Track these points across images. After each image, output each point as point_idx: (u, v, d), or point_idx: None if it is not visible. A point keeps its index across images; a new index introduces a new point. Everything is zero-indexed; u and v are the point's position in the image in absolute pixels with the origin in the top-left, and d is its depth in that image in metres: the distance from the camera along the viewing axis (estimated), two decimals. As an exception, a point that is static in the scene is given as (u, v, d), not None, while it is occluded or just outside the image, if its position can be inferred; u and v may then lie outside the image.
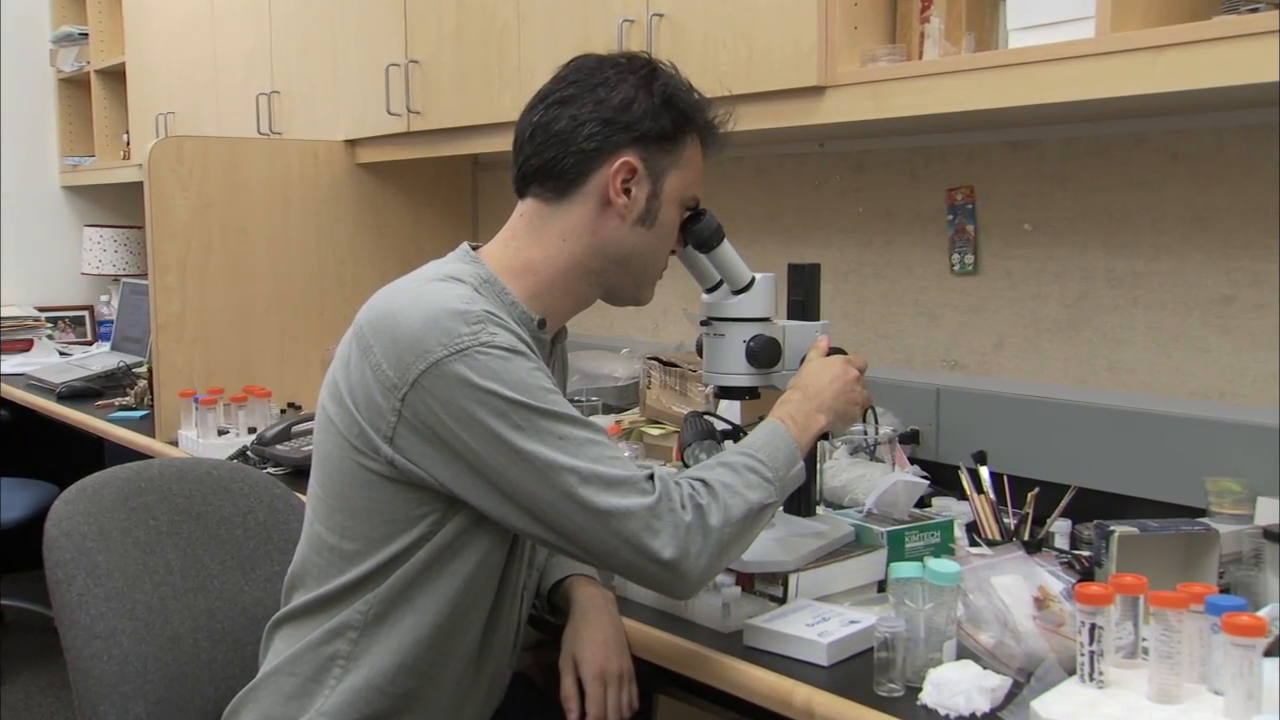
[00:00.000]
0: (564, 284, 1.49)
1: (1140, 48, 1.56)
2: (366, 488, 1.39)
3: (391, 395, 1.34)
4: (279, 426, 2.61)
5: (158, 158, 2.96)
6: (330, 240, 3.29)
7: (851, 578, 1.65)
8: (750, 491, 1.39)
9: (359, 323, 1.42)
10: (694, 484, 1.38)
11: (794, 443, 1.47)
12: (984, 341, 2.27)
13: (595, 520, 1.32)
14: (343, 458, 1.41)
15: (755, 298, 1.64)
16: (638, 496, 1.32)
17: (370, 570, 1.41)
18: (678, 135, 1.48)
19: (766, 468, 1.42)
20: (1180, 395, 1.98)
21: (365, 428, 1.37)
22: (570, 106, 1.45)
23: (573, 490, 1.31)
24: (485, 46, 2.74)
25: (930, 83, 1.83)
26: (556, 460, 1.31)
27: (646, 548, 1.32)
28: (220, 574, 1.75)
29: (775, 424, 1.49)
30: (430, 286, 1.40)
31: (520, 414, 1.31)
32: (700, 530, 1.34)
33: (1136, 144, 2.02)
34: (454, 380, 1.31)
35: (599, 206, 1.46)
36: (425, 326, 1.33)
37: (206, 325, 3.05)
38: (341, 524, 1.43)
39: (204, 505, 1.78)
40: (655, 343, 2.93)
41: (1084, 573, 1.64)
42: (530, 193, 1.50)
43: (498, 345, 1.32)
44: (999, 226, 2.23)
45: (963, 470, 1.87)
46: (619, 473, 1.33)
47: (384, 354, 1.35)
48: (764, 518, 1.43)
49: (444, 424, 1.32)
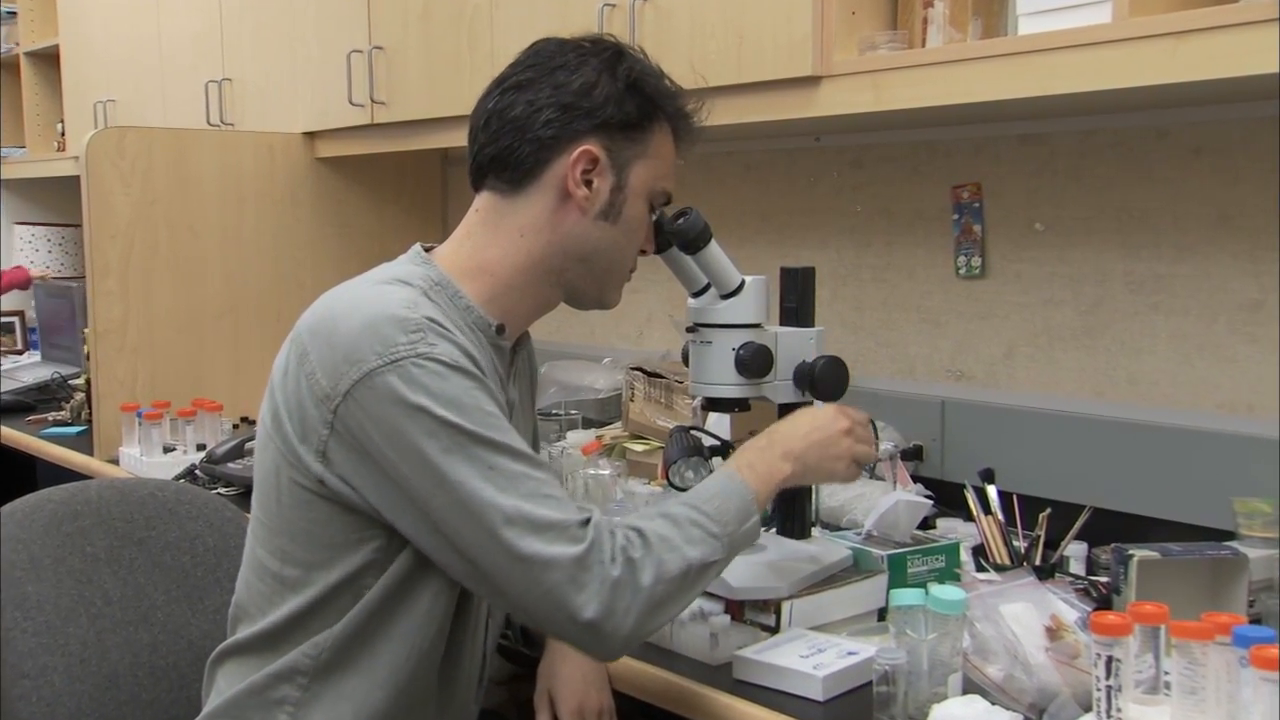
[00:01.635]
0: (523, 285, 1.48)
1: (1161, 33, 1.56)
2: (304, 508, 1.38)
3: (324, 407, 1.33)
4: (231, 443, 2.59)
5: (96, 150, 2.94)
6: (288, 241, 3.28)
7: (849, 605, 1.65)
8: (690, 547, 1.35)
9: (298, 328, 1.41)
10: (629, 534, 1.34)
11: (749, 494, 1.42)
12: (992, 350, 2.27)
13: (516, 566, 1.28)
14: (279, 475, 1.40)
15: (745, 302, 1.63)
16: (565, 544, 1.29)
17: (313, 601, 1.39)
18: (644, 123, 1.47)
19: (713, 521, 1.38)
20: (1205, 408, 1.98)
21: (297, 441, 1.36)
22: (527, 91, 1.44)
23: (495, 529, 1.28)
24: (455, 32, 2.73)
25: (934, 72, 1.83)
26: (481, 494, 1.28)
27: (567, 603, 1.28)
28: (164, 605, 1.74)
29: (730, 473, 1.44)
30: (373, 290, 1.39)
31: (450, 436, 1.29)
32: (629, 587, 1.30)
33: (1157, 137, 2.02)
34: (385, 394, 1.29)
35: (558, 199, 1.45)
36: (362, 333, 1.32)
37: (151, 333, 3.03)
38: (281, 548, 1.42)
39: (147, 530, 1.77)
40: (639, 351, 2.92)
41: (1100, 600, 1.64)
42: (486, 185, 1.49)
43: (435, 358, 1.31)
44: (1008, 226, 2.23)
45: (969, 489, 1.87)
46: (549, 515, 1.30)
47: (319, 362, 1.34)
48: (706, 577, 1.38)
49: (374, 441, 1.31)
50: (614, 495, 2.19)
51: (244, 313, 3.20)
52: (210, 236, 3.13)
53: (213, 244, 3.14)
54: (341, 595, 1.39)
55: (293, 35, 3.30)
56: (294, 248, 3.29)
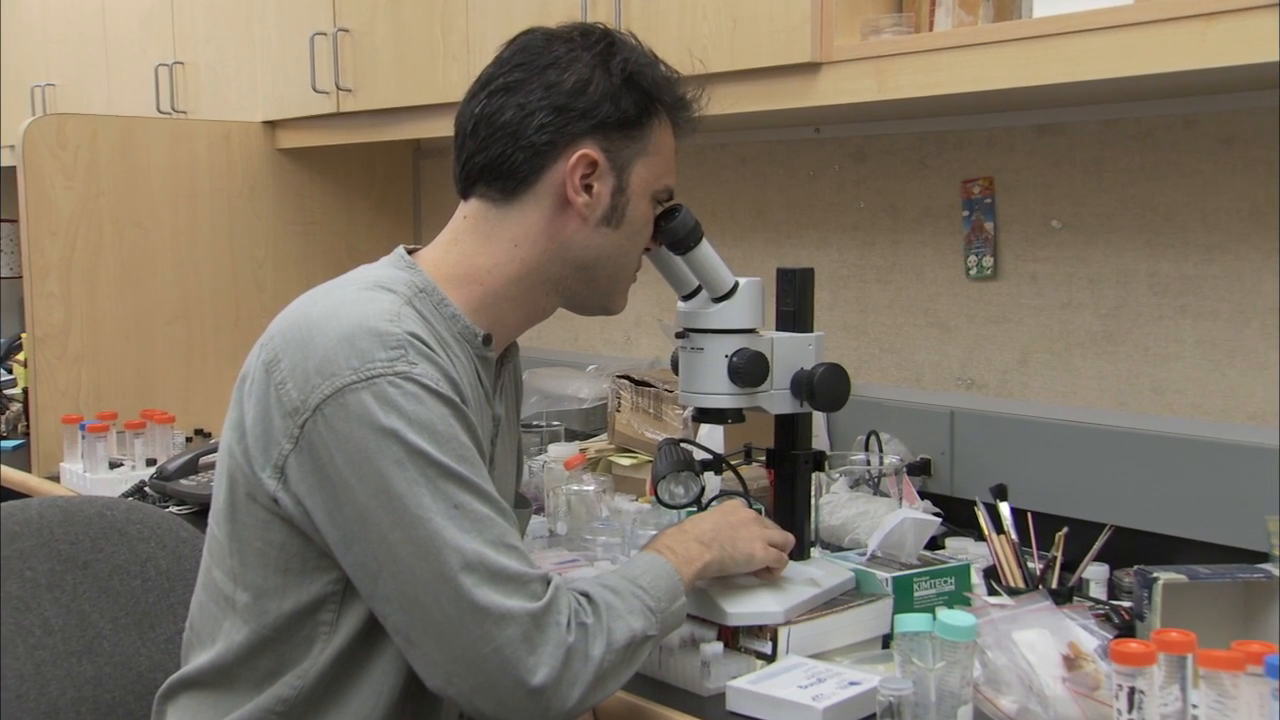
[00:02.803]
0: (515, 294, 1.49)
1: (1189, 15, 1.56)
2: (260, 527, 1.38)
3: (290, 420, 1.33)
4: (184, 458, 2.59)
5: (34, 139, 2.93)
6: (246, 238, 3.27)
7: (851, 632, 1.65)
8: (633, 618, 1.38)
9: (270, 332, 1.41)
10: (579, 599, 1.35)
11: (676, 574, 1.46)
12: (1005, 357, 2.28)
13: (468, 616, 1.27)
14: (236, 489, 1.40)
15: (739, 306, 1.64)
16: (524, 599, 1.29)
17: (265, 633, 1.39)
18: (643, 119, 1.48)
19: (649, 595, 1.41)
20: (1236, 419, 1.99)
21: (257, 452, 1.36)
22: (517, 93, 1.45)
23: (451, 573, 1.28)
24: (428, 14, 2.73)
25: (942, 58, 1.84)
26: (443, 533, 1.28)
27: (517, 664, 1.27)
28: (111, 634, 1.73)
29: (653, 555, 1.49)
30: (354, 296, 1.39)
31: (419, 466, 1.29)
32: (581, 655, 1.31)
33: (1185, 127, 2.03)
34: (355, 412, 1.29)
35: (556, 207, 1.46)
36: (338, 345, 1.32)
37: (96, 338, 3.02)
38: (233, 569, 1.42)
39: (93, 553, 1.76)
40: (626, 358, 2.92)
41: (1122, 627, 1.64)
42: (475, 193, 1.49)
43: (414, 378, 1.31)
44: (1022, 224, 2.24)
45: (980, 506, 1.87)
46: (510, 565, 1.30)
47: (290, 371, 1.34)
48: (643, 652, 1.40)
49: (335, 462, 1.30)
50: (599, 513, 2.19)
51: (198, 317, 3.19)
52: (160, 234, 3.12)
53: (163, 242, 3.13)
54: (294, 631, 1.39)
55: (250, 15, 3.30)
56: (252, 247, 3.28)
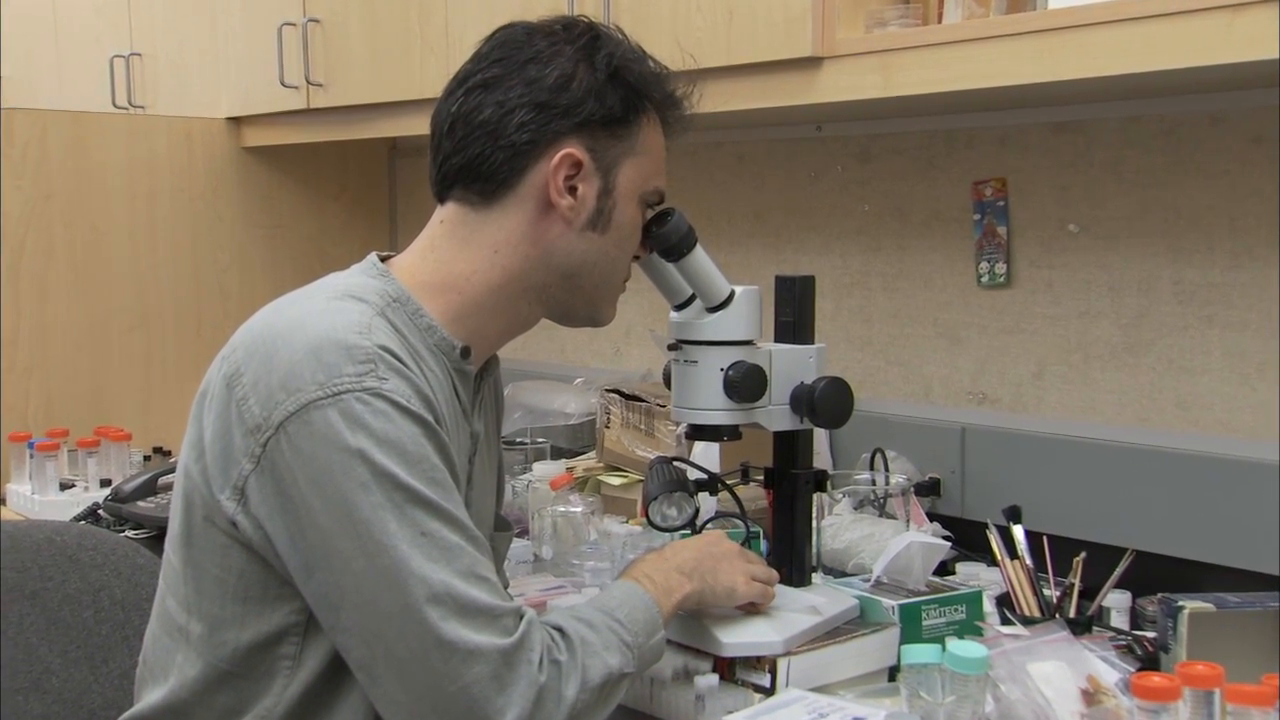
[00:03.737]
0: (496, 303, 1.49)
1: (1213, 6, 1.57)
2: (217, 552, 1.37)
3: (252, 438, 1.32)
4: (141, 478, 2.58)
5: (-20, 136, 2.94)
6: (209, 242, 3.27)
7: (855, 663, 1.65)
8: (609, 654, 1.37)
9: (232, 344, 1.41)
10: (552, 634, 1.35)
11: (654, 606, 1.46)
12: (1019, 370, 2.28)
13: (433, 652, 1.27)
14: (193, 511, 1.39)
15: (735, 316, 1.63)
16: (494, 635, 1.29)
17: (221, 667, 1.38)
18: (630, 116, 1.47)
19: (625, 630, 1.41)
20: (1266, 437, 1.99)
21: (215, 472, 1.35)
22: (496, 90, 1.45)
23: (417, 605, 1.27)
24: (404, 4, 2.73)
25: (951, 52, 1.84)
26: (408, 562, 1.28)
27: (486, 704, 1.27)
28: (61, 669, 1.72)
29: (630, 583, 1.48)
30: (322, 307, 1.39)
31: (385, 489, 1.28)
32: (554, 696, 1.31)
33: (1211, 124, 2.03)
34: (321, 431, 1.29)
35: (539, 210, 1.46)
36: (304, 358, 1.31)
37: (46, 349, 3.02)
38: (188, 598, 1.41)
39: (41, 581, 1.75)
40: (616, 371, 2.92)
41: (1145, 659, 1.64)
42: (453, 196, 1.49)
43: (384, 394, 1.31)
44: (1038, 228, 2.24)
45: (993, 529, 1.87)
46: (480, 598, 1.30)
47: (253, 386, 1.33)
48: (619, 690, 1.40)
49: (298, 484, 1.30)
50: (587, 536, 2.19)
51: (157, 326, 3.19)
52: (117, 237, 3.12)
53: (120, 246, 3.13)
54: (254, 665, 1.38)
55: (214, 4, 3.30)
56: (216, 251, 3.28)
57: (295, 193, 3.42)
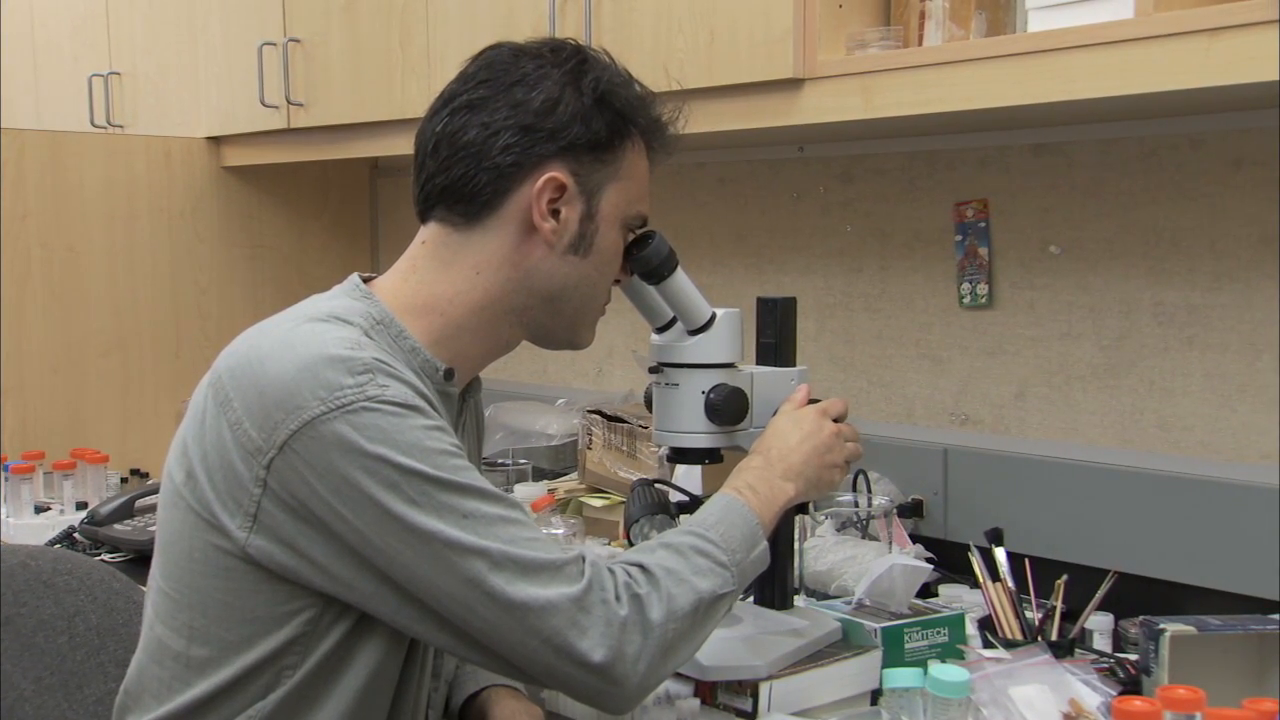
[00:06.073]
0: (477, 325, 1.49)
1: (1192, 30, 1.58)
2: (223, 577, 1.37)
3: (254, 462, 1.33)
4: (118, 501, 2.57)
5: (-46, 155, 2.93)
6: (188, 263, 3.27)
7: (838, 687, 1.65)
8: (700, 579, 1.40)
9: (217, 370, 1.41)
10: (630, 570, 1.38)
11: (754, 519, 1.48)
12: (1001, 391, 2.29)
13: (507, 615, 1.31)
14: (192, 539, 1.39)
15: (716, 339, 1.64)
16: (562, 585, 1.32)
17: (224, 684, 1.38)
18: (615, 141, 1.48)
19: (720, 550, 1.43)
20: (1247, 459, 2.00)
21: (219, 502, 1.36)
22: (481, 112, 1.45)
23: (480, 577, 1.30)
24: (385, 24, 2.74)
25: (932, 74, 1.85)
26: (461, 541, 1.31)
27: (572, 649, 1.31)
28: (34, 696, 1.71)
29: (731, 496, 1.50)
30: (306, 328, 1.39)
31: (416, 485, 1.30)
32: (639, 627, 1.34)
33: (1191, 147, 2.04)
34: (334, 443, 1.30)
35: (521, 233, 1.47)
36: (299, 376, 1.32)
37: (21, 371, 3.01)
38: (189, 624, 1.40)
39: (15, 606, 1.74)
40: (598, 392, 2.92)
41: (1127, 683, 1.64)
42: (435, 217, 1.50)
43: (389, 400, 1.32)
44: (1019, 249, 2.25)
45: (975, 551, 1.87)
46: (539, 556, 1.33)
47: (246, 410, 1.34)
48: (718, 611, 1.43)
49: (319, 498, 1.31)
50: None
51: (135, 348, 3.18)
52: (94, 258, 3.12)
53: (97, 267, 3.12)
54: (255, 679, 1.38)
55: (194, 23, 3.30)
56: (195, 272, 3.28)
57: (275, 213, 3.42)
